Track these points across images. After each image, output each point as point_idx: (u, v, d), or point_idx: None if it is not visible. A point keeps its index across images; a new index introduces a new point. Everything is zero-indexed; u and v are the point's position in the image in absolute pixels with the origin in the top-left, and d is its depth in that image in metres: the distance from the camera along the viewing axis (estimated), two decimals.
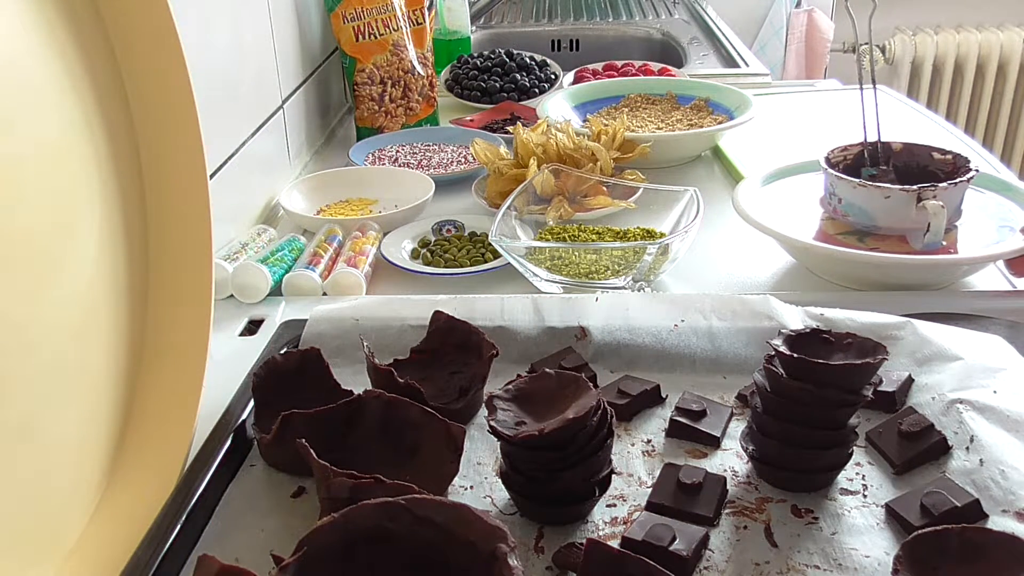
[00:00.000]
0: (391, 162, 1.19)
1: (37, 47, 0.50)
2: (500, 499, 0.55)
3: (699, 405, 0.60)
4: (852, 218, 0.83)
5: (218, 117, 0.91)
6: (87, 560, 0.50)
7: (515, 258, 0.81)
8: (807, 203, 0.90)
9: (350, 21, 1.25)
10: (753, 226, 0.83)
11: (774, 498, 0.54)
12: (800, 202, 0.90)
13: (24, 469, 0.47)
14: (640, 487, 0.55)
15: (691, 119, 1.23)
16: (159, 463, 0.57)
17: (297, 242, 0.92)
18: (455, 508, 0.43)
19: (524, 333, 0.68)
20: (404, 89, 1.31)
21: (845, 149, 0.89)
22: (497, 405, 0.53)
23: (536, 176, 0.91)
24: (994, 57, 2.81)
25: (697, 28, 1.95)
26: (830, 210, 0.85)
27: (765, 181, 0.93)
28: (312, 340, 0.68)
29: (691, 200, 0.87)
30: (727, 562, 0.49)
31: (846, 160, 0.88)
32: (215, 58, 0.91)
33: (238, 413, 0.61)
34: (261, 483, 0.57)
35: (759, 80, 1.54)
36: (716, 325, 0.67)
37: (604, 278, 0.81)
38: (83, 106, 0.54)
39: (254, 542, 0.51)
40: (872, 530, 0.51)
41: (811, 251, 0.82)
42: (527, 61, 1.53)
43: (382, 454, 0.56)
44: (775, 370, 0.53)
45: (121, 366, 0.57)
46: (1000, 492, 0.52)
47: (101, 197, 0.55)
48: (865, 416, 0.59)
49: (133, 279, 0.59)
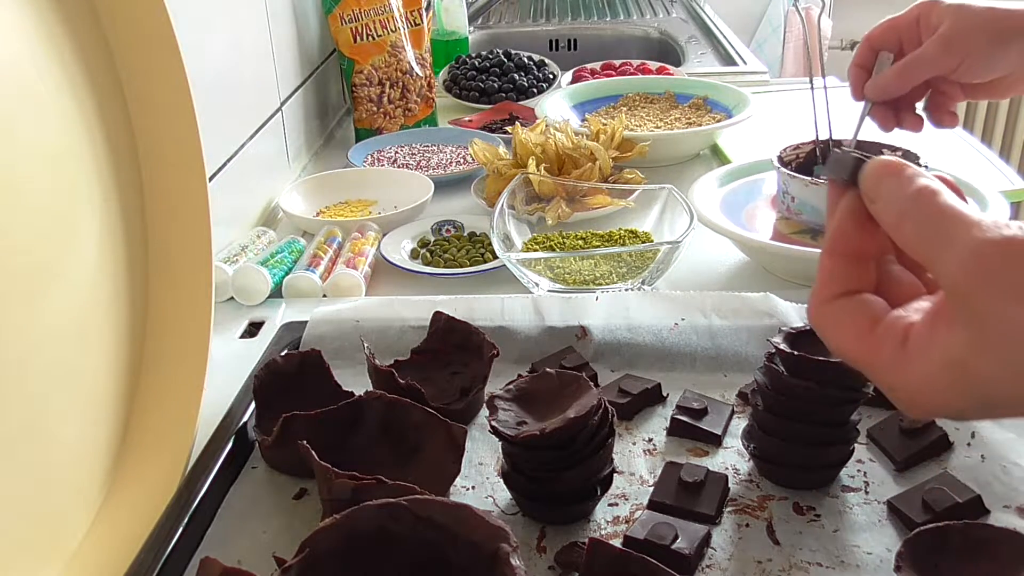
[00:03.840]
0: (390, 163, 1.19)
1: (36, 52, 0.50)
2: (502, 499, 0.55)
3: (700, 403, 0.60)
4: (805, 216, 0.83)
5: (217, 119, 0.90)
6: (90, 563, 0.50)
7: (517, 267, 0.81)
8: (764, 202, 0.91)
9: (348, 22, 1.25)
10: (708, 227, 0.83)
11: (776, 496, 0.54)
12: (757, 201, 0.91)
13: (27, 473, 0.47)
14: (642, 486, 0.55)
15: (689, 118, 1.23)
16: (161, 466, 0.57)
17: (297, 244, 0.92)
18: (457, 508, 0.43)
19: (524, 333, 0.68)
20: (402, 90, 1.31)
21: (797, 148, 0.88)
22: (498, 405, 0.53)
23: (514, 182, 0.90)
24: None
25: (695, 27, 1.95)
26: (783, 209, 0.86)
27: (722, 181, 0.94)
28: (313, 342, 0.68)
29: (670, 198, 0.87)
30: (729, 560, 0.49)
31: (798, 159, 0.88)
32: (213, 61, 0.91)
33: (239, 415, 0.61)
34: (263, 485, 0.57)
35: (757, 78, 1.54)
36: (716, 323, 0.67)
37: (610, 282, 0.80)
38: (82, 110, 0.54)
39: (256, 544, 0.51)
40: (874, 527, 0.51)
41: (765, 250, 0.82)
42: (525, 61, 1.53)
43: (383, 455, 0.56)
44: (776, 368, 0.53)
45: (122, 369, 0.57)
46: (1002, 488, 0.52)
47: (100, 200, 0.55)
48: (866, 413, 0.59)
49: (133, 282, 0.59)
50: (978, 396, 0.31)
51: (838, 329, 0.35)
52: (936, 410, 0.33)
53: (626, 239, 0.88)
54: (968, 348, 0.30)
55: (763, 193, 0.93)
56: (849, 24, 2.92)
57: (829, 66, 2.47)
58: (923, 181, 0.32)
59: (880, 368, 0.33)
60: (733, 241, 0.84)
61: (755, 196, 0.93)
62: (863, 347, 0.34)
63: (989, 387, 0.30)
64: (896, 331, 0.33)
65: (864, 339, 0.34)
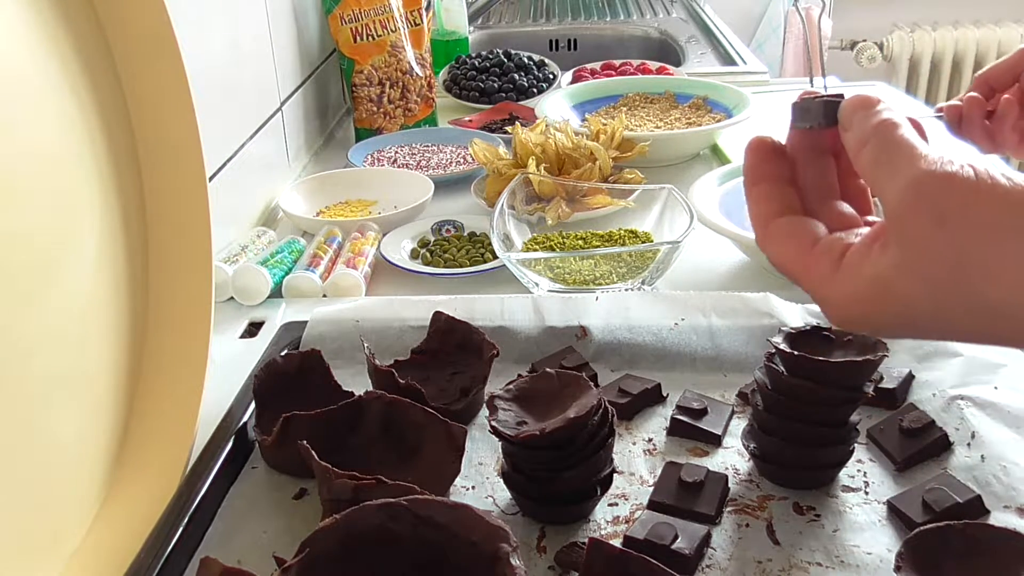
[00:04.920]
0: (390, 163, 1.19)
1: (36, 52, 0.50)
2: (502, 499, 0.55)
3: (700, 403, 0.60)
4: None
5: (217, 119, 0.90)
6: (90, 563, 0.50)
7: (517, 267, 0.81)
8: None
9: (348, 22, 1.25)
10: (708, 227, 0.83)
11: (776, 496, 0.54)
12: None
13: (26, 472, 0.47)
14: (642, 486, 0.55)
15: (689, 118, 1.23)
16: (161, 466, 0.57)
17: (297, 244, 0.92)
18: (457, 508, 0.43)
19: (524, 333, 0.68)
20: (402, 90, 1.31)
21: None
22: (498, 405, 0.53)
23: (514, 182, 0.90)
24: (992, 53, 2.81)
25: (695, 27, 1.95)
26: None
27: (722, 181, 0.94)
28: (313, 342, 0.68)
29: (670, 198, 0.87)
30: (729, 560, 0.49)
31: None
32: (213, 60, 0.91)
33: (239, 415, 0.61)
34: (263, 485, 0.57)
35: (757, 78, 1.54)
36: (716, 323, 0.67)
37: (610, 282, 0.80)
38: (82, 110, 0.54)
39: (256, 544, 0.51)
40: (874, 527, 0.51)
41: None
42: (525, 61, 1.53)
43: (383, 455, 0.56)
44: (776, 368, 0.53)
45: (122, 369, 0.57)
46: (1001, 488, 0.52)
47: (100, 200, 0.55)
48: (866, 413, 0.59)
49: (133, 282, 0.59)
50: (897, 312, 0.34)
51: (783, 245, 0.38)
52: (858, 322, 0.36)
53: (626, 239, 0.88)
54: (894, 266, 0.33)
55: None
56: (849, 24, 2.92)
57: (829, 66, 2.47)
58: (888, 115, 0.35)
59: (815, 280, 0.36)
60: (733, 241, 0.84)
61: None
62: (804, 261, 0.37)
63: (907, 304, 0.33)
64: (835, 249, 0.36)
65: (805, 254, 0.37)
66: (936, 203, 0.31)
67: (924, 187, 0.32)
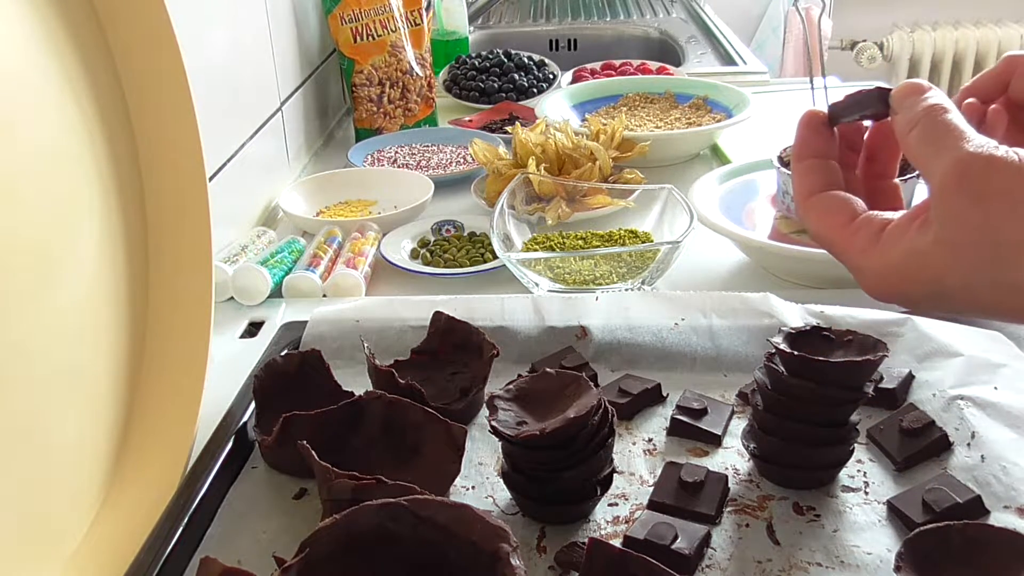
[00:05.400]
0: (390, 163, 1.19)
1: (36, 52, 0.50)
2: (502, 499, 0.55)
3: (700, 403, 0.60)
4: None
5: (217, 119, 0.91)
6: (89, 563, 0.50)
7: (517, 267, 0.81)
8: (764, 201, 0.91)
9: (348, 22, 1.25)
10: (708, 227, 0.83)
11: (776, 496, 0.54)
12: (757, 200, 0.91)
13: (26, 472, 0.47)
14: (642, 486, 0.55)
15: (689, 118, 1.23)
16: (160, 466, 0.57)
17: (297, 244, 0.92)
18: (457, 508, 0.43)
19: (524, 333, 0.68)
20: (402, 90, 1.31)
21: None
22: (498, 405, 0.53)
23: (514, 182, 0.90)
24: (992, 53, 2.81)
25: (695, 27, 1.95)
26: (783, 208, 0.86)
27: (722, 181, 0.94)
28: (313, 342, 0.68)
29: (670, 198, 0.87)
30: (729, 560, 0.49)
31: None
32: (213, 60, 0.91)
33: (239, 415, 0.61)
34: (263, 485, 0.57)
35: (757, 78, 1.54)
36: (716, 323, 0.67)
37: (610, 282, 0.80)
38: (82, 110, 0.54)
39: (256, 544, 0.51)
40: (874, 527, 0.51)
41: (765, 250, 0.82)
42: (525, 61, 1.53)
43: (383, 455, 0.56)
44: (776, 368, 0.53)
45: (122, 369, 0.57)
46: (1002, 488, 0.52)
47: (100, 200, 0.55)
48: (866, 413, 0.59)
49: (133, 282, 0.59)
50: (931, 285, 0.36)
51: (825, 217, 0.40)
52: (893, 294, 0.38)
53: (626, 239, 0.88)
54: (932, 242, 0.35)
55: (762, 192, 0.93)
56: (849, 24, 2.92)
57: (829, 66, 2.47)
58: (937, 100, 0.37)
59: (853, 252, 0.39)
60: (733, 241, 0.84)
61: (754, 195, 0.93)
62: (843, 233, 0.39)
63: (942, 277, 0.35)
64: (874, 224, 0.38)
65: (845, 227, 0.39)
66: (977, 182, 0.33)
67: (967, 167, 0.33)
